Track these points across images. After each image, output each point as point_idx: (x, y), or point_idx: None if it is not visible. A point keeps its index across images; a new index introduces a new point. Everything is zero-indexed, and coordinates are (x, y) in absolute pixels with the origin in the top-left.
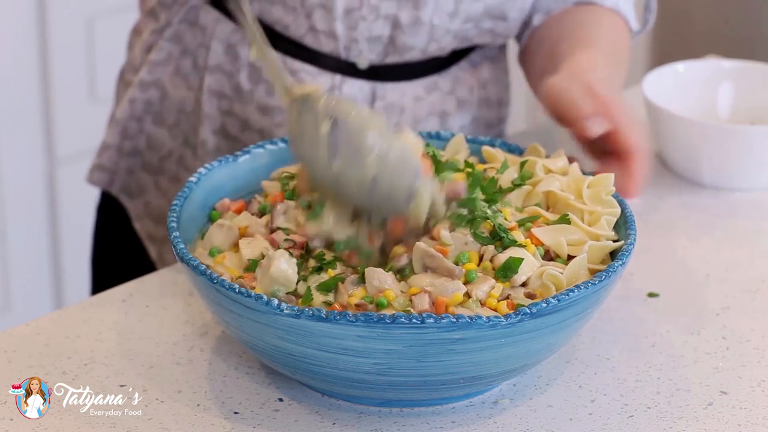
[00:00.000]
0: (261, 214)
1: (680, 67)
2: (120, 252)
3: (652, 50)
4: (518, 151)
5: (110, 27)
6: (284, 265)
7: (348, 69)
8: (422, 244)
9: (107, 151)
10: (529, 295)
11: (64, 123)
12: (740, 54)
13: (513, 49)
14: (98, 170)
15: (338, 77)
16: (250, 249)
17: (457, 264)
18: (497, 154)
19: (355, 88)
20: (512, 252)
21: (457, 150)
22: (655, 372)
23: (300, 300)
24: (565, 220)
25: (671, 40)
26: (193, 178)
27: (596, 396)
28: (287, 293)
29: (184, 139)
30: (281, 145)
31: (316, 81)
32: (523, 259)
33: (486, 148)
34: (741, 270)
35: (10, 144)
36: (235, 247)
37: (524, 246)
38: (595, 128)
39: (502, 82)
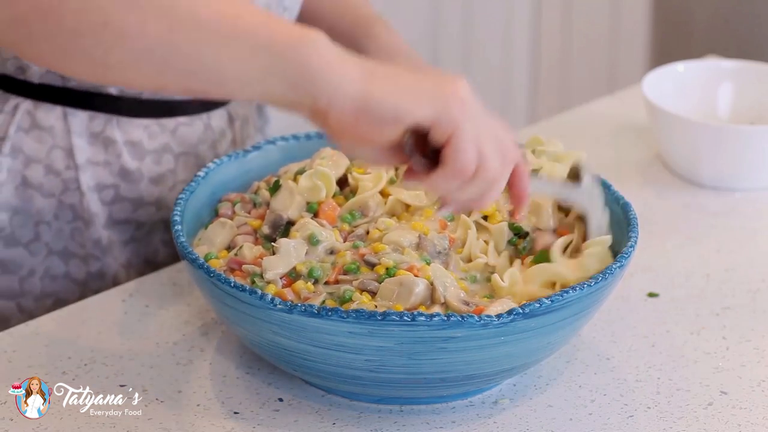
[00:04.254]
0: (253, 204)
1: (680, 67)
2: None
3: (652, 50)
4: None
5: None
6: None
7: (207, 104)
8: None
9: None
10: None
11: None
12: (740, 54)
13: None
14: None
15: (205, 116)
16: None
17: None
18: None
19: (218, 117)
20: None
21: None
22: (655, 372)
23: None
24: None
25: (671, 40)
26: (201, 173)
27: (596, 396)
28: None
29: (50, 249)
30: (292, 141)
31: (193, 128)
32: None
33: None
34: (741, 270)
35: None
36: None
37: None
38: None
39: None
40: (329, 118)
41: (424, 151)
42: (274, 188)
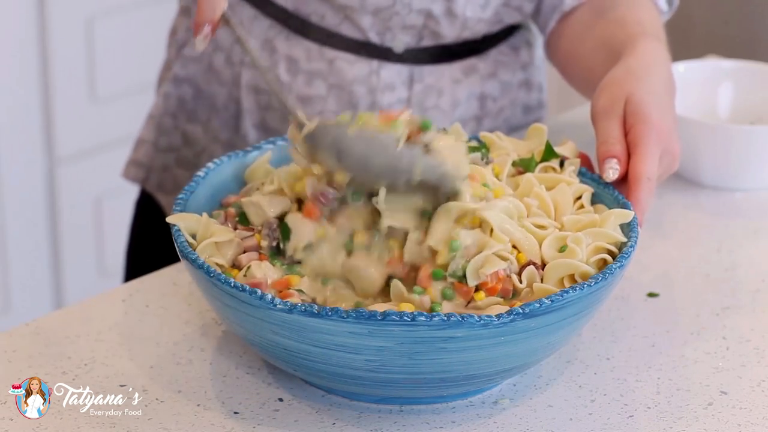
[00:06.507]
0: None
1: (680, 67)
2: (155, 247)
3: None
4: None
5: (110, 27)
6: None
7: (385, 54)
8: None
9: (143, 147)
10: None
11: (64, 123)
12: (740, 54)
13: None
14: (134, 165)
15: (375, 63)
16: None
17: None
18: (495, 140)
19: (393, 72)
20: None
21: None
22: (655, 372)
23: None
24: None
25: (671, 40)
26: (200, 173)
27: (596, 396)
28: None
29: (218, 135)
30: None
31: (353, 68)
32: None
33: (484, 134)
34: (741, 270)
35: (10, 144)
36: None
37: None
38: (609, 174)
39: (540, 66)
40: None
41: None
42: (285, 233)
